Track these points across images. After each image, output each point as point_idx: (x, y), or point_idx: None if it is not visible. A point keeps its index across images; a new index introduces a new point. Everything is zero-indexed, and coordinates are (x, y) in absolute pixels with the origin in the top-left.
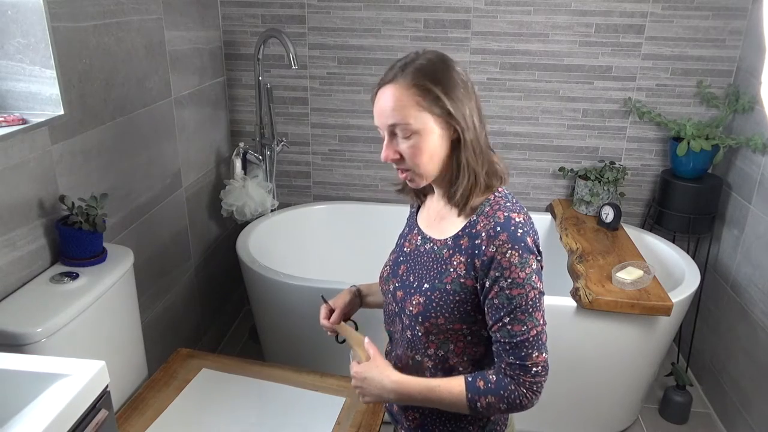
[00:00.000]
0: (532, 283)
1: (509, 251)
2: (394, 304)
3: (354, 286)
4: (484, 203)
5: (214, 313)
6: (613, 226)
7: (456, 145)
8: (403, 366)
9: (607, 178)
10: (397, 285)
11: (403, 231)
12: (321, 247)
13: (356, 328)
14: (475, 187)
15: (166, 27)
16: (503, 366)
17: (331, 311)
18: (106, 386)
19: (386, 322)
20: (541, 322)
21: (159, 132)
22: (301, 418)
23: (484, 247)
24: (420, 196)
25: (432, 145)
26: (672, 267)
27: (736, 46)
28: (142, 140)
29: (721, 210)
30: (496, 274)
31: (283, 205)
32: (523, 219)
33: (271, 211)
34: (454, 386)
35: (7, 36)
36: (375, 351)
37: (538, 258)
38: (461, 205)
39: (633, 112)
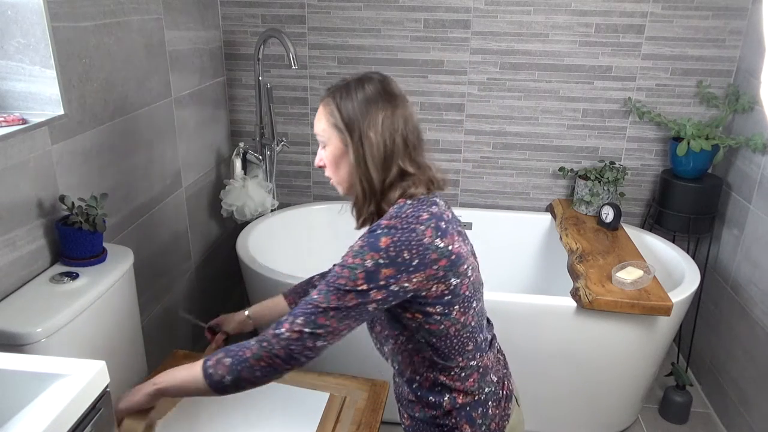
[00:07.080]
0: (353, 273)
1: (358, 240)
2: None
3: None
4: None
5: (214, 313)
6: (613, 226)
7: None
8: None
9: (607, 178)
10: None
11: None
12: (321, 247)
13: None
14: (365, 204)
15: (166, 27)
16: None
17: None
18: (107, 386)
19: None
20: (330, 306)
21: (159, 132)
22: (299, 416)
23: None
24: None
25: (335, 156)
26: (672, 267)
27: (736, 46)
28: (142, 140)
29: (721, 210)
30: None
31: (283, 205)
32: (395, 225)
33: (271, 211)
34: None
35: (7, 36)
36: None
37: (392, 264)
38: (357, 219)
39: (633, 112)
